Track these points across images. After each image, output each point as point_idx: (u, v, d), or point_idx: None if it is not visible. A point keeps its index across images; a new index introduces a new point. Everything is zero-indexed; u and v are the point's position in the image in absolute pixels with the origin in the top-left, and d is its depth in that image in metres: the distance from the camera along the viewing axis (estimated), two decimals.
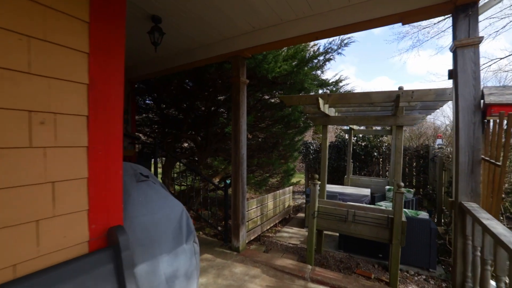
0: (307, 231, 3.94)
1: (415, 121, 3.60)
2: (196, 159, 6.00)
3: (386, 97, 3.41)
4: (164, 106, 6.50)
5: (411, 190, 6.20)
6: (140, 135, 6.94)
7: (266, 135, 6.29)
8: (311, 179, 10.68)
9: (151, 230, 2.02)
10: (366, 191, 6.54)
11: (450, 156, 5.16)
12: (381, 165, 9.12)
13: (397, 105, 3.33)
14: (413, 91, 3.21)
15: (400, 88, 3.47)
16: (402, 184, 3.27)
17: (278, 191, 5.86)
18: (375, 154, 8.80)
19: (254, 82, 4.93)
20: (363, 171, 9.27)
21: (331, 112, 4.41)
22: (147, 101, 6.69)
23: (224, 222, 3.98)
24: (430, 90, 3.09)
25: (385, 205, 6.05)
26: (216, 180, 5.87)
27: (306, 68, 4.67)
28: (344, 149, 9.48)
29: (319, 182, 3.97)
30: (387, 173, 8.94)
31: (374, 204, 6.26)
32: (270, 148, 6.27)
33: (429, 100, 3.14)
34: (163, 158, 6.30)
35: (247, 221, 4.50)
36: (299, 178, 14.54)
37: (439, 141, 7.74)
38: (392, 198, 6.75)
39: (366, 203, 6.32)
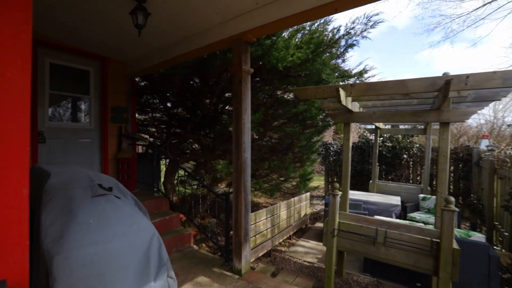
0: (326, 250, 3.24)
1: (467, 116, 2.78)
2: (202, 161, 5.47)
3: (428, 85, 2.63)
4: (168, 104, 6.05)
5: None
6: (146, 136, 6.56)
7: (280, 135, 5.62)
8: (331, 183, 9.82)
9: (101, 264, 1.46)
10: (396, 200, 5.65)
11: (508, 160, 4.18)
12: (411, 169, 8.08)
13: (445, 95, 2.54)
14: (467, 76, 2.41)
15: (446, 74, 2.66)
16: (452, 199, 2.48)
17: (292, 199, 5.17)
18: (405, 156, 7.79)
19: (263, 75, 4.30)
20: (390, 175, 8.29)
21: (355, 107, 3.66)
22: (152, 99, 6.28)
23: (225, 238, 3.38)
24: (494, 73, 2.28)
25: (420, 217, 5.14)
26: (222, 186, 5.31)
27: (324, 56, 3.96)
28: (369, 151, 8.55)
29: (340, 193, 3.25)
30: (418, 178, 7.89)
31: (406, 216, 5.37)
32: (284, 150, 5.60)
33: (492, 87, 2.33)
34: (167, 160, 5.85)
35: (255, 235, 3.87)
36: (318, 181, 13.66)
37: (485, 141, 6.61)
38: (426, 208, 5.80)
39: (396, 214, 5.45)
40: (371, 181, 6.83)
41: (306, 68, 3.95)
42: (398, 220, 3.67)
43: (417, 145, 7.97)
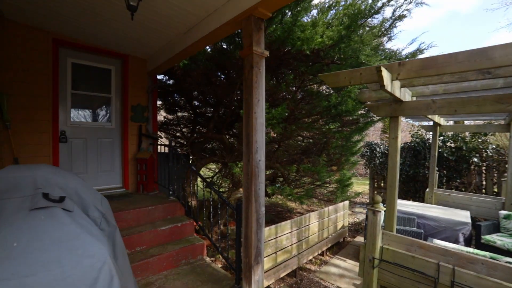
0: (362, 283, 2.46)
1: None
2: (226, 162, 5.04)
3: None
4: (195, 102, 5.79)
5: None
6: (164, 136, 6.41)
7: (312, 134, 4.89)
8: (376, 189, 8.53)
9: None
10: (464, 216, 4.44)
11: None
12: (483, 175, 6.50)
13: None
14: None
15: None
16: None
17: (326, 209, 4.39)
18: (475, 160, 6.28)
19: (287, 62, 3.66)
20: (453, 183, 6.81)
21: (405, 95, 2.78)
22: (178, 98, 6.10)
23: (236, 256, 2.83)
24: None
25: (502, 241, 3.89)
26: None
27: (362, 31, 3.14)
28: (424, 153, 7.18)
29: (383, 209, 2.44)
30: (495, 187, 6.28)
31: (480, 239, 4.14)
32: (317, 151, 4.84)
33: None
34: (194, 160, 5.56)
35: (275, 252, 3.26)
36: (363, 186, 12.25)
37: None
38: None
39: (464, 235, 4.26)
40: (427, 190, 5.61)
41: (340, 50, 3.18)
42: (473, 250, 2.67)
43: (493, 146, 6.36)
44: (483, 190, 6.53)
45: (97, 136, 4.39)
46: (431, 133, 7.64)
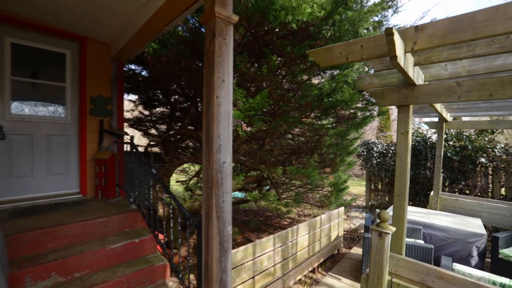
0: None
1: None
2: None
3: None
4: (169, 94, 5.11)
5: None
6: (134, 133, 5.72)
7: (302, 131, 4.26)
8: (373, 191, 7.91)
9: None
10: (477, 225, 3.86)
11: None
12: (491, 178, 5.95)
13: None
14: None
15: None
16: None
17: (317, 218, 3.76)
18: (482, 160, 5.72)
19: (269, 41, 3.01)
20: (457, 185, 6.26)
21: (418, 77, 2.15)
22: (152, 90, 5.41)
23: (197, 284, 2.18)
24: None
25: None
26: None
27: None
28: (426, 152, 6.61)
29: (392, 230, 1.81)
30: (503, 190, 5.73)
31: (498, 253, 3.56)
32: (309, 150, 4.22)
33: None
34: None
35: (253, 276, 2.60)
36: (359, 187, 11.69)
37: None
38: None
39: (478, 249, 3.67)
40: (431, 193, 5.02)
41: (334, 25, 2.55)
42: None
43: (501, 145, 5.82)
44: (489, 193, 5.99)
45: (48, 132, 3.68)
46: (433, 130, 7.10)
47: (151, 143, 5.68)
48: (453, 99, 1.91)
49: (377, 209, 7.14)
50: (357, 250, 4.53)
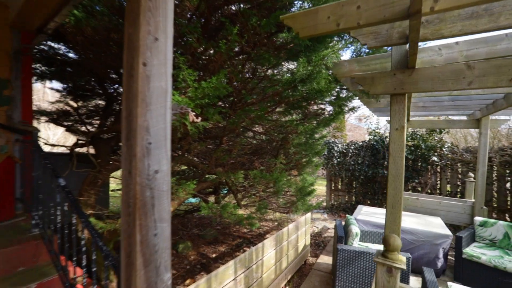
0: None
1: None
2: None
3: None
4: (104, 81, 4.09)
5: None
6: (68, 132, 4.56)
7: (266, 128, 3.72)
8: (334, 191, 7.81)
9: None
10: (441, 226, 3.79)
11: None
12: (439, 176, 6.24)
13: None
14: None
15: None
16: None
17: (285, 229, 3.25)
18: (435, 159, 5.94)
19: (228, 12, 2.37)
20: (410, 183, 6.45)
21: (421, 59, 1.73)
22: (82, 76, 4.28)
23: None
24: None
25: (487, 256, 3.25)
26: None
27: None
28: (383, 151, 6.70)
29: (404, 261, 1.32)
30: (448, 187, 6.05)
31: (462, 253, 3.48)
32: (273, 150, 3.69)
33: None
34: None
35: None
36: (317, 186, 11.75)
37: None
38: (489, 239, 3.73)
39: (444, 250, 3.57)
40: None
41: None
42: None
43: (448, 144, 6.13)
44: (438, 190, 6.29)
45: None
46: (388, 130, 7.27)
47: (80, 142, 4.53)
48: (462, 86, 1.54)
49: (346, 212, 7.05)
50: (324, 259, 4.16)
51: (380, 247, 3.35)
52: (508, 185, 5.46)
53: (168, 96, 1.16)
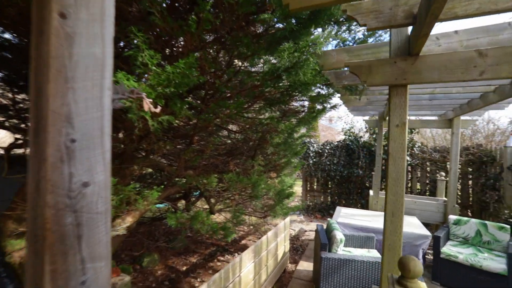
0: None
1: None
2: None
3: None
4: None
5: (507, 226, 3.47)
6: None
7: (242, 126, 3.40)
8: (309, 192, 7.69)
9: None
10: (419, 226, 3.76)
11: None
12: (410, 175, 6.40)
13: None
14: None
15: None
16: None
17: (263, 239, 2.95)
18: (408, 158, 6.05)
19: None
20: (383, 183, 6.53)
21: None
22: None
23: None
24: None
25: (463, 254, 3.25)
26: (124, 224, 2.82)
27: None
28: (358, 151, 6.72)
29: None
30: (419, 186, 6.23)
31: (440, 253, 3.46)
32: (250, 150, 3.38)
33: None
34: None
35: None
36: (294, 188, 11.67)
37: None
38: (462, 237, 3.78)
39: (423, 250, 3.53)
40: (371, 194, 4.92)
41: None
42: None
43: (419, 144, 6.31)
44: (409, 189, 6.45)
45: None
46: (363, 129, 7.34)
47: (19, 141, 3.82)
48: (472, 76, 1.36)
49: (322, 213, 6.93)
50: (304, 265, 3.93)
51: (363, 251, 3.19)
52: (470, 182, 5.74)
53: (106, 70, 0.77)
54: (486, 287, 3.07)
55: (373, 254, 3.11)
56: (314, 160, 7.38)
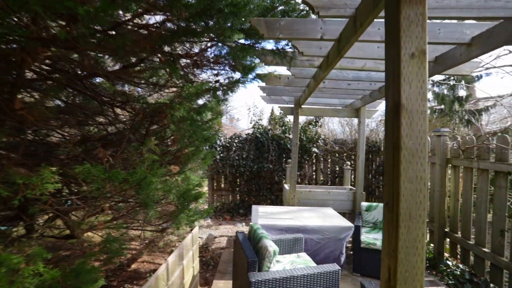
0: None
1: None
2: None
3: None
4: None
5: None
6: None
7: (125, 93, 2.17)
8: (216, 191, 6.82)
9: None
10: (340, 218, 3.54)
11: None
12: (315, 166, 6.59)
13: None
14: None
15: None
16: None
17: (160, 273, 1.83)
18: (315, 150, 6.14)
19: None
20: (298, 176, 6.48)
21: None
22: None
23: None
24: None
25: (375, 240, 3.20)
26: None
27: None
28: (268, 144, 6.39)
29: None
30: (321, 177, 6.49)
31: (361, 242, 3.29)
32: (140, 127, 2.19)
33: None
34: None
35: None
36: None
37: None
38: (372, 222, 3.83)
39: (346, 244, 3.30)
40: (287, 188, 4.53)
41: None
42: None
43: (322, 136, 6.56)
44: (314, 180, 6.64)
45: None
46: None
47: None
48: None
49: (231, 213, 6.08)
50: (219, 286, 3.01)
51: (292, 257, 2.58)
52: (369, 174, 6.39)
53: None
54: None
55: (304, 259, 2.55)
56: (221, 155, 6.58)
